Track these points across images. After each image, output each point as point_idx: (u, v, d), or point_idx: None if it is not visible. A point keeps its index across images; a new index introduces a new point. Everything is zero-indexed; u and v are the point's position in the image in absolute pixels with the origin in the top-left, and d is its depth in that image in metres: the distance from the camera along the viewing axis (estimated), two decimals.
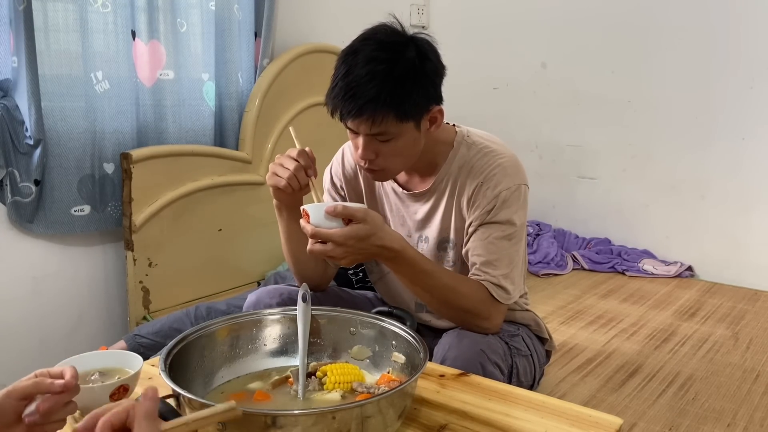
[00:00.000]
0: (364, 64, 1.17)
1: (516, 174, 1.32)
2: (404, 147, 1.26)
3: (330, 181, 1.51)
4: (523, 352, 1.39)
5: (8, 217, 1.98)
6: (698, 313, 2.71)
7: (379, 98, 1.16)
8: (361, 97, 1.16)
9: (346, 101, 1.17)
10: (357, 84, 1.16)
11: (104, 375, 1.04)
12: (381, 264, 1.49)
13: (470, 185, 1.33)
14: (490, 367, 1.24)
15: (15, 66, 1.91)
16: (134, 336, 2.00)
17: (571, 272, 3.25)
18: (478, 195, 1.31)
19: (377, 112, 1.17)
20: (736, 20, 2.99)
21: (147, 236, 2.21)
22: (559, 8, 3.46)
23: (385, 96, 1.16)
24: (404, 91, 1.18)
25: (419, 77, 1.20)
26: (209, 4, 2.39)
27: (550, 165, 3.62)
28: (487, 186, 1.30)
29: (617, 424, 0.98)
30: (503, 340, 1.34)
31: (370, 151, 1.24)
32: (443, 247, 1.40)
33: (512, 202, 1.30)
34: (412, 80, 1.19)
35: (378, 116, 1.17)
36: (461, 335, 1.28)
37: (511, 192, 1.30)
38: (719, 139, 3.10)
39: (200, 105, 2.43)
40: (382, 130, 1.20)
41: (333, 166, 1.52)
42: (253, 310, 1.19)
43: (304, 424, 0.83)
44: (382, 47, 1.19)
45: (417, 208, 1.40)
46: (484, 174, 1.31)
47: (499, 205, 1.29)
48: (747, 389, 2.04)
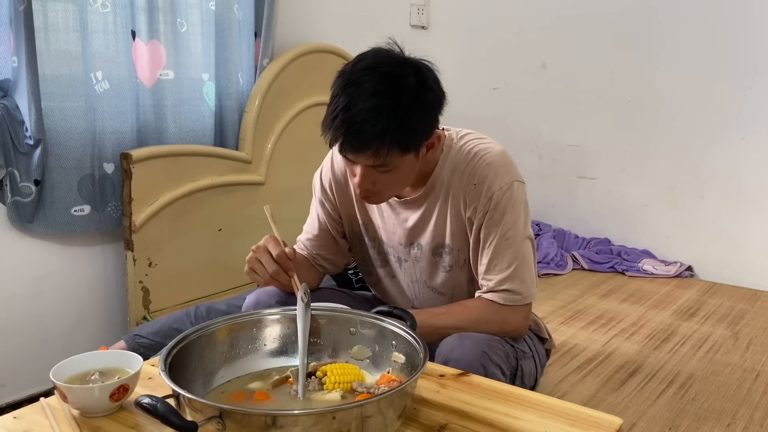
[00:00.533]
0: (367, 98, 1.14)
1: (507, 172, 1.32)
2: (403, 176, 1.26)
3: (320, 187, 1.49)
4: (527, 354, 1.39)
5: (8, 217, 1.98)
6: (698, 313, 2.71)
7: (386, 134, 1.14)
8: (366, 133, 1.14)
9: (351, 136, 1.15)
10: (362, 120, 1.14)
11: (104, 375, 1.04)
12: (377, 269, 1.50)
13: (464, 189, 1.32)
14: (492, 369, 1.24)
15: (15, 66, 1.91)
16: (134, 336, 2.00)
17: (571, 272, 3.25)
18: (474, 198, 1.31)
19: (382, 147, 1.15)
20: (736, 20, 2.99)
21: (147, 236, 2.21)
22: (559, 8, 3.46)
23: (391, 132, 1.15)
24: (409, 127, 1.17)
25: (423, 108, 1.19)
26: (209, 4, 2.39)
27: (550, 165, 3.62)
28: (480, 189, 1.30)
29: (617, 424, 0.98)
30: (509, 343, 1.33)
31: (368, 182, 1.23)
32: (438, 253, 1.40)
33: (505, 202, 1.30)
34: (416, 114, 1.18)
35: (382, 151, 1.16)
36: (462, 336, 1.28)
37: (503, 192, 1.30)
38: (719, 139, 3.10)
39: (200, 105, 2.43)
40: (382, 162, 1.19)
41: (323, 171, 1.50)
42: (253, 310, 1.19)
43: (304, 424, 0.83)
44: (385, 79, 1.16)
45: (408, 215, 1.39)
46: (477, 176, 1.31)
47: (493, 207, 1.30)
48: (747, 389, 2.05)
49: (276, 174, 2.64)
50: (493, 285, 1.31)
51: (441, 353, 1.27)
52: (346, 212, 1.49)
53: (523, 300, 1.32)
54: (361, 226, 1.48)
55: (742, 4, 2.97)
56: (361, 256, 1.53)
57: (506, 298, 1.30)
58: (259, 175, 2.59)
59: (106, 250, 2.24)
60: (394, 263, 1.47)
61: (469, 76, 3.60)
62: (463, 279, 1.41)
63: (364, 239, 1.49)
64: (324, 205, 1.49)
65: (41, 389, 2.00)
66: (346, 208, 1.48)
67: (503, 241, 1.30)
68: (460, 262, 1.39)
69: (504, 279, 1.30)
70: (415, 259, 1.42)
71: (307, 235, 1.52)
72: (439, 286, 1.43)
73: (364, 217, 1.46)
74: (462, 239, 1.36)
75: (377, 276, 1.52)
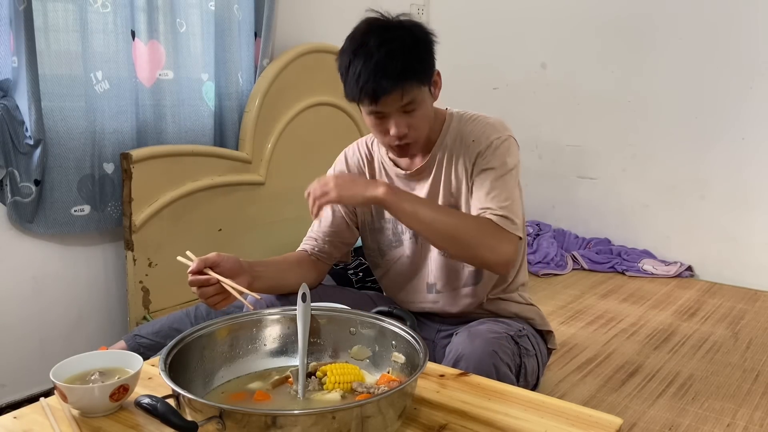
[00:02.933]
0: (378, 50, 1.26)
1: (504, 129, 1.41)
2: (426, 112, 1.35)
3: None
4: (531, 352, 1.40)
5: (8, 217, 1.98)
6: (698, 313, 2.71)
7: (407, 71, 1.27)
8: (390, 75, 1.26)
9: (378, 82, 1.26)
10: (383, 66, 1.26)
11: (104, 375, 1.04)
12: (392, 250, 1.50)
13: (465, 147, 1.40)
14: (503, 368, 1.26)
15: (15, 66, 1.91)
16: (134, 336, 2.00)
17: (571, 272, 3.25)
18: (474, 150, 1.38)
19: (407, 83, 1.28)
20: (735, 20, 2.99)
21: (147, 236, 2.21)
22: (559, 8, 3.46)
23: (411, 68, 1.28)
24: (420, 58, 1.30)
25: (424, 45, 1.33)
26: (209, 4, 2.39)
27: (550, 165, 3.62)
28: (479, 141, 1.39)
29: (617, 424, 0.98)
30: (513, 340, 1.35)
31: (404, 126, 1.32)
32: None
33: (503, 149, 1.38)
34: (422, 48, 1.32)
35: (407, 86, 1.28)
36: (472, 335, 1.29)
37: (501, 141, 1.38)
38: (719, 139, 3.10)
39: (200, 105, 2.43)
40: (410, 99, 1.30)
41: (336, 167, 1.56)
42: (253, 310, 1.19)
43: (304, 424, 0.83)
44: (385, 31, 1.29)
45: (420, 185, 1.45)
46: (475, 134, 1.40)
47: (492, 151, 1.37)
48: (747, 389, 2.04)
49: (276, 174, 2.64)
50: (492, 209, 1.33)
51: (450, 352, 1.27)
52: None
53: (517, 230, 1.33)
54: (376, 210, 1.51)
55: (741, 4, 2.97)
56: (376, 243, 1.54)
57: (505, 222, 1.31)
58: (259, 175, 2.59)
59: (106, 250, 2.24)
60: (409, 240, 1.49)
61: (469, 76, 3.60)
62: None
63: (380, 222, 1.51)
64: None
65: (41, 389, 2.00)
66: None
67: (499, 179, 1.36)
68: None
69: (502, 207, 1.33)
70: None
71: (319, 224, 1.53)
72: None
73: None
74: (469, 195, 1.40)
75: (391, 260, 1.53)
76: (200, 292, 1.25)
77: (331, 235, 1.51)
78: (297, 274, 1.43)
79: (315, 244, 1.51)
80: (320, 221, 1.51)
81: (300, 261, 1.50)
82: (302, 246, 1.53)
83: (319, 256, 1.51)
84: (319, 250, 1.51)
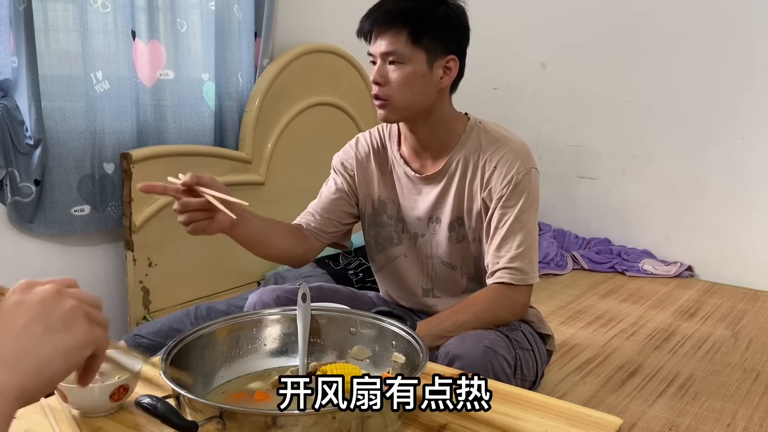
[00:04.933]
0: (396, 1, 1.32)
1: (527, 158, 1.39)
2: (412, 77, 1.32)
3: (340, 164, 1.53)
4: (524, 345, 1.39)
5: (8, 217, 1.98)
6: (698, 313, 2.71)
7: (401, 13, 1.30)
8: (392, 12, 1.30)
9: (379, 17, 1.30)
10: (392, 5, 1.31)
11: (104, 375, 1.04)
12: (391, 248, 1.51)
13: (483, 169, 1.39)
14: (498, 362, 1.25)
15: (15, 66, 1.91)
16: (134, 336, 2.00)
17: (571, 272, 3.25)
18: (491, 179, 1.38)
19: (395, 25, 1.29)
20: (735, 20, 2.99)
21: (147, 236, 2.21)
22: (559, 8, 3.46)
23: (412, 14, 1.30)
24: (423, 12, 1.31)
25: (443, 18, 1.32)
26: (209, 4, 2.39)
27: (550, 165, 3.61)
28: (500, 171, 1.37)
29: (617, 424, 0.98)
30: (503, 334, 1.35)
31: (381, 76, 1.33)
32: (454, 228, 1.44)
33: (524, 186, 1.37)
34: (433, 12, 1.31)
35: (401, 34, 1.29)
36: (463, 335, 1.28)
37: (522, 176, 1.37)
38: (719, 139, 3.10)
39: (200, 105, 2.43)
40: (395, 49, 1.30)
41: (344, 151, 1.55)
42: (253, 310, 1.19)
43: (304, 424, 0.83)
44: None
45: (429, 190, 1.44)
46: (497, 159, 1.38)
47: (511, 190, 1.36)
48: (747, 389, 2.05)
49: (276, 174, 2.64)
50: (504, 263, 1.36)
51: (443, 353, 1.27)
52: (364, 191, 1.51)
53: (529, 279, 1.37)
54: (378, 203, 1.50)
55: (741, 4, 2.97)
56: (373, 237, 1.54)
57: (515, 277, 1.35)
58: (259, 175, 2.59)
59: (106, 250, 2.24)
60: (409, 240, 1.49)
61: (469, 76, 3.58)
62: (474, 254, 1.46)
63: (381, 217, 1.51)
64: (342, 176, 1.52)
65: None
66: (365, 186, 1.51)
67: (517, 223, 1.36)
68: (471, 238, 1.44)
69: (515, 257, 1.35)
70: (433, 233, 1.46)
71: (317, 199, 1.53)
72: (453, 260, 1.47)
73: (383, 193, 1.50)
74: (477, 217, 1.41)
75: (389, 256, 1.52)
76: (188, 216, 1.22)
77: (329, 212, 1.50)
78: (284, 240, 1.43)
79: (311, 219, 1.49)
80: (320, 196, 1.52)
81: (291, 230, 1.47)
82: (298, 219, 1.51)
83: (313, 231, 1.48)
84: (315, 226, 1.49)
